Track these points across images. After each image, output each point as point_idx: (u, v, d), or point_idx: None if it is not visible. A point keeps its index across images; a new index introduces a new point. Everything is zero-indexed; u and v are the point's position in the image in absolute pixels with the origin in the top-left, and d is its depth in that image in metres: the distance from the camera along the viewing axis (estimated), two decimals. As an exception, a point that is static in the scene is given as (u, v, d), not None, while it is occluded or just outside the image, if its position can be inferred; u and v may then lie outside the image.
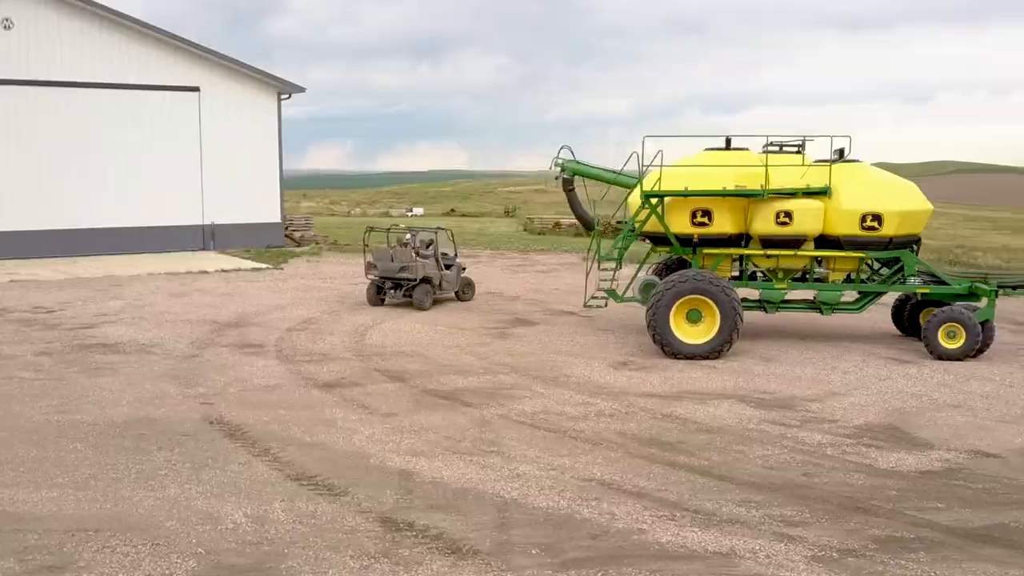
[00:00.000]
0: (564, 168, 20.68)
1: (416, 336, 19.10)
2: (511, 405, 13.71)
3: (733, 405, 13.91)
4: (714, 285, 17.01)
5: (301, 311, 21.84)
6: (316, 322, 20.46)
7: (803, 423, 13.01)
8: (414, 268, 22.85)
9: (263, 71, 34.33)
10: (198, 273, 28.15)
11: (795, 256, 17.87)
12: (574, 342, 18.74)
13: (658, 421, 12.99)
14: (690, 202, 17.71)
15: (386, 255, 23.35)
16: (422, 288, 23.00)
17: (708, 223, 17.76)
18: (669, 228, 17.89)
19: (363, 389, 14.57)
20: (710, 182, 17.55)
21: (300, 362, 16.44)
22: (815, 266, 18.07)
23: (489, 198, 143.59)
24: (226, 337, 18.61)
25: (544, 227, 51.47)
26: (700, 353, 17.04)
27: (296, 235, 37.35)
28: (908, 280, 18.05)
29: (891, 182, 17.84)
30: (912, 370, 16.45)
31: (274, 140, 35.04)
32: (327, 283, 26.78)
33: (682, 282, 17.03)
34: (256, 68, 34.20)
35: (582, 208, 20.93)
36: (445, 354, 17.36)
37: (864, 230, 17.45)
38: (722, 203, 17.67)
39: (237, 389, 14.46)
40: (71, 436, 11.80)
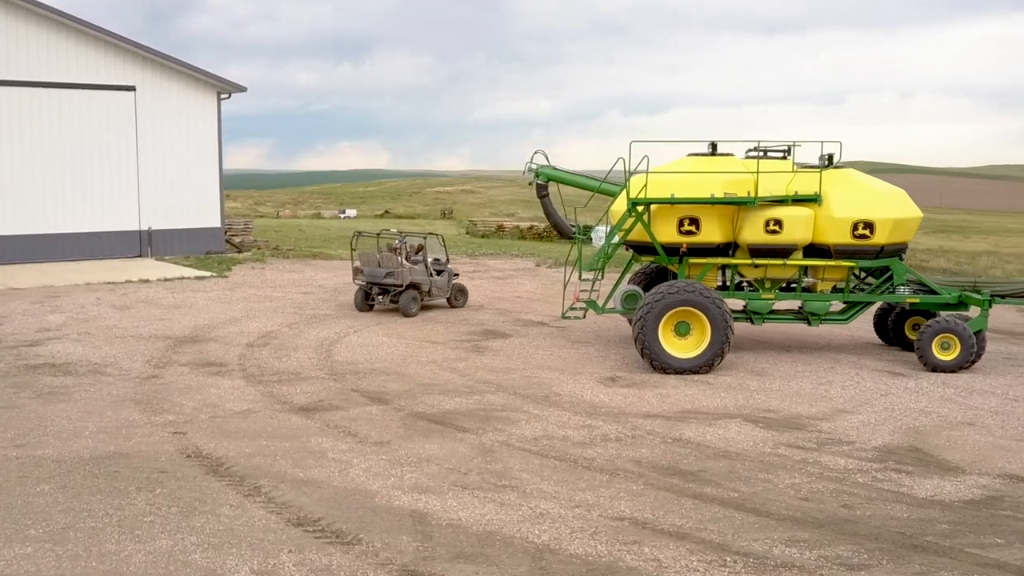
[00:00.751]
0: (538, 174, 19.81)
1: (387, 351, 18.09)
2: (509, 429, 12.82)
3: (741, 426, 13.20)
4: (704, 297, 16.31)
5: (258, 324, 20.65)
6: (276, 336, 19.31)
7: (820, 446, 12.34)
8: (400, 273, 22.10)
9: (202, 70, 32.89)
10: (139, 282, 26.70)
11: (784, 266, 17.26)
12: (555, 356, 17.91)
13: (669, 446, 12.21)
14: (677, 210, 17.00)
15: (373, 260, 22.63)
16: (408, 294, 22.27)
17: (695, 232, 17.07)
18: (655, 237, 17.13)
19: (345, 413, 13.56)
20: (697, 189, 16.86)
21: (270, 382, 15.34)
22: (803, 276, 17.47)
23: (418, 199, 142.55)
24: (184, 354, 17.39)
25: (488, 230, 50.59)
26: (690, 368, 16.33)
27: (236, 240, 35.94)
28: (897, 289, 17.55)
29: (882, 189, 17.35)
30: (910, 383, 15.94)
31: (214, 141, 33.60)
32: (278, 292, 25.57)
33: (671, 293, 16.30)
34: (195, 67, 32.75)
35: (558, 215, 20.11)
36: (423, 371, 16.39)
37: (855, 238, 16.91)
38: (710, 211, 16.99)
39: (208, 415, 13.34)
40: (36, 476, 10.61)
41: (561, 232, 20.44)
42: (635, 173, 17.05)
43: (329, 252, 36.60)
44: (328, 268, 31.55)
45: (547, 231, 47.61)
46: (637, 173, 17.01)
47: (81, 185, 31.28)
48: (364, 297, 22.93)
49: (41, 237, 30.65)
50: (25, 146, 30.34)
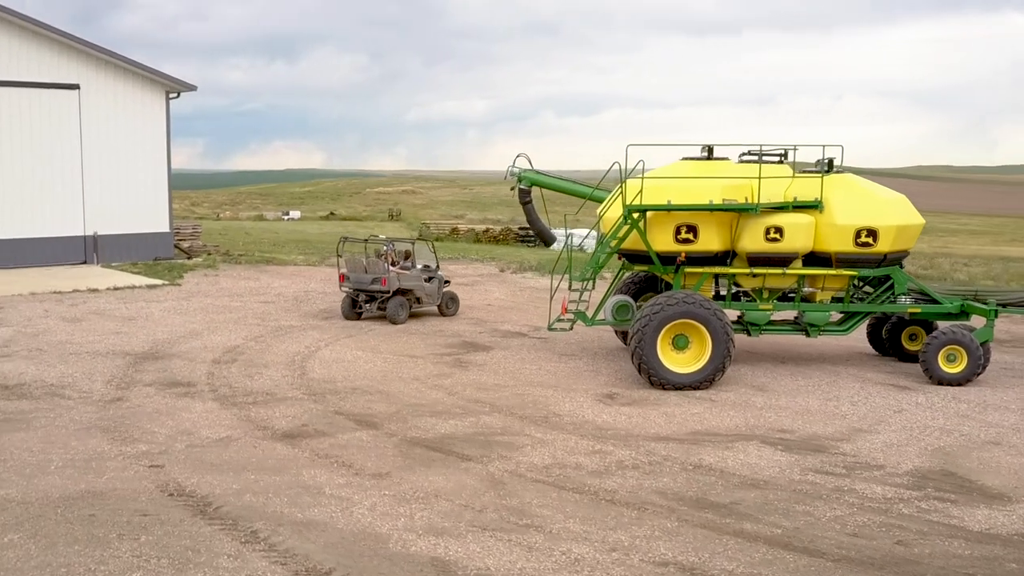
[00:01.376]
0: (521, 178, 18.86)
1: (364, 367, 17.02)
2: (515, 457, 11.87)
3: (760, 449, 12.40)
4: (705, 308, 15.51)
5: (221, 338, 19.44)
6: (243, 351, 18.13)
7: (849, 471, 11.58)
8: (387, 279, 21.33)
9: (150, 68, 31.42)
10: (88, 292, 25.26)
11: (784, 275, 16.53)
12: (544, 371, 16.98)
13: (691, 474, 11.36)
14: (674, 217, 16.17)
15: (359, 266, 21.89)
16: (396, 301, 21.56)
17: (693, 240, 16.25)
18: (651, 245, 16.28)
19: (333, 440, 12.50)
20: (695, 195, 16.04)
21: (245, 405, 14.22)
22: (803, 285, 16.75)
23: (359, 199, 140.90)
24: (147, 373, 16.17)
25: (441, 232, 49.52)
26: (690, 383, 15.53)
27: (185, 245, 34.49)
28: (898, 299, 16.91)
29: (884, 195, 16.71)
30: (920, 398, 15.29)
31: (162, 142, 32.16)
32: (236, 302, 24.31)
33: (671, 305, 15.47)
34: (143, 65, 31.26)
35: (542, 222, 19.20)
36: (408, 390, 15.38)
37: (858, 247, 16.25)
38: (709, 218, 16.19)
39: (184, 444, 12.20)
40: (1, 523, 9.42)
41: (545, 240, 19.54)
42: (630, 178, 16.19)
43: (282, 257, 35.32)
44: (284, 275, 30.32)
45: (503, 234, 46.72)
46: (632, 178, 16.14)
47: (21, 188, 29.64)
48: (351, 305, 22.12)
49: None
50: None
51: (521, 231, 46.90)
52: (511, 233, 46.84)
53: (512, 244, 45.58)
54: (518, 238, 46.18)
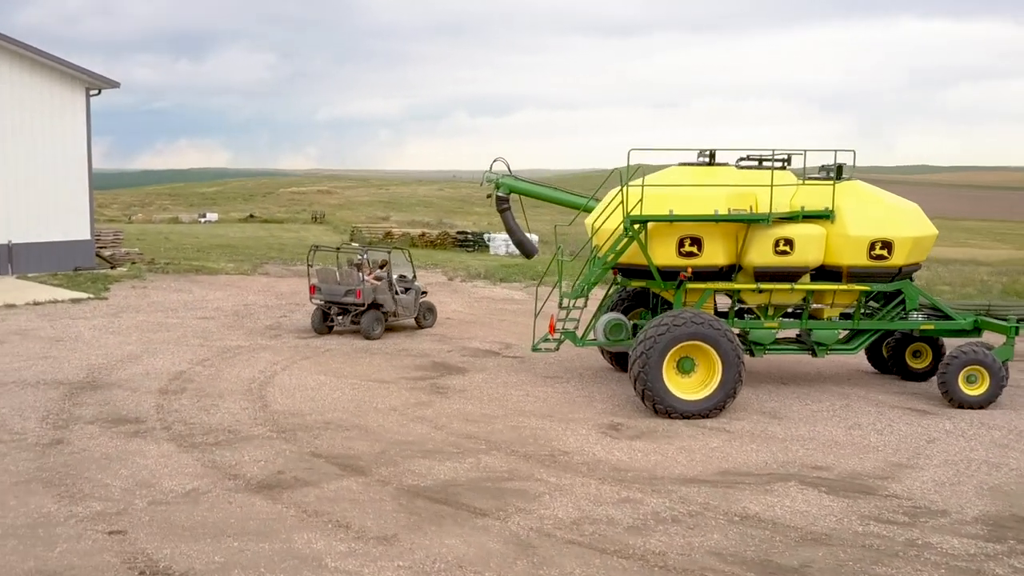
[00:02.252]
0: (499, 185, 17.26)
1: (332, 395, 15.30)
2: (535, 509, 10.33)
3: (803, 492, 11.05)
4: (715, 329, 14.16)
5: (163, 362, 17.49)
6: (192, 379, 16.24)
7: (912, 518, 10.30)
8: (360, 291, 20.01)
9: (70, 63, 29.02)
10: (4, 308, 22.94)
11: (792, 291, 15.26)
12: (531, 397, 15.45)
13: (741, 527, 9.95)
14: (677, 229, 14.78)
15: (331, 277, 20.56)
16: (371, 314, 20.19)
17: (697, 253, 14.88)
18: (652, 259, 14.85)
19: (319, 491, 10.80)
20: (699, 205, 14.68)
21: (206, 446, 12.42)
22: (811, 301, 15.51)
23: (272, 200, 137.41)
24: (86, 407, 14.22)
25: (374, 237, 47.56)
26: (699, 411, 14.18)
27: (106, 253, 32.08)
28: (910, 315, 15.78)
29: (898, 204, 15.54)
30: (947, 424, 14.15)
31: (82, 143, 29.78)
32: (172, 318, 22.26)
33: (677, 325, 14.07)
34: (61, 59, 28.86)
35: (521, 232, 17.60)
36: (387, 423, 13.72)
37: (872, 259, 15.06)
38: (714, 230, 14.84)
39: (146, 501, 10.39)
40: (-67, 625, 7.56)
41: (525, 252, 17.96)
42: (630, 186, 14.75)
43: (211, 265, 33.12)
44: (217, 286, 28.25)
45: (441, 238, 45.03)
46: (632, 186, 14.71)
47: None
48: (322, 318, 20.64)
49: None
50: None
51: (459, 235, 45.24)
52: (448, 237, 45.10)
53: (450, 249, 43.88)
54: (456, 242, 44.45)
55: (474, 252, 43.15)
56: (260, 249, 41.23)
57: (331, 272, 20.70)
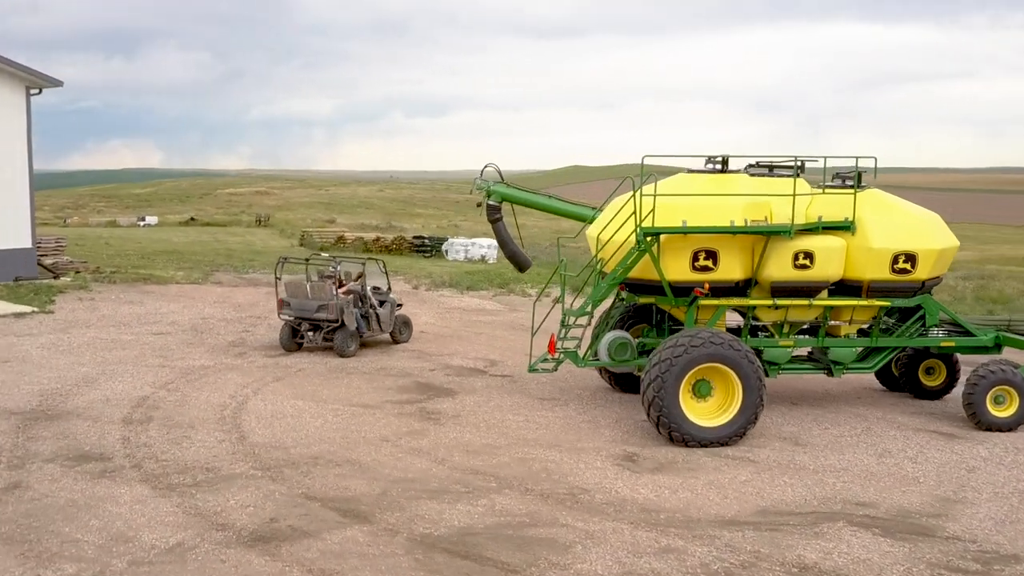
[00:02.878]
0: (490, 192, 16.04)
1: (314, 424, 14.01)
2: (571, 564, 9.19)
3: (858, 536, 10.05)
4: (735, 350, 13.13)
5: (123, 385, 16.05)
6: (157, 405, 14.84)
7: (985, 565, 9.38)
8: (334, 307, 18.48)
9: (9, 60, 27.20)
10: (-59, 324, 21.22)
11: (810, 306, 14.28)
12: (532, 423, 14.30)
13: (804, 581, 8.88)
14: (691, 241, 13.72)
15: (301, 290, 19.13)
16: (345, 331, 18.75)
17: (712, 267, 13.84)
18: (664, 274, 13.78)
19: (321, 544, 9.55)
20: (715, 215, 13.64)
21: (184, 488, 11.09)
22: (828, 317, 14.56)
23: (210, 201, 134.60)
24: (43, 442, 12.77)
25: (326, 242, 45.98)
26: (718, 439, 13.16)
27: (48, 262, 30.23)
28: (930, 331, 14.91)
29: (920, 214, 14.66)
30: (981, 450, 13.29)
31: (22, 144, 27.99)
32: (126, 334, 20.72)
33: (695, 346, 13.02)
34: (0, 56, 27.03)
35: (514, 244, 16.39)
36: (382, 457, 12.47)
37: (895, 273, 14.15)
38: (731, 243, 13.81)
39: (125, 560, 9.05)
40: None
41: (518, 265, 16.76)
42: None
43: (160, 274, 31.44)
44: (169, 296, 26.67)
45: (396, 243, 43.64)
46: (646, 195, 13.61)
47: None
48: (292, 334, 19.27)
49: None
50: None
51: (416, 240, 43.84)
52: (405, 242, 43.68)
53: (407, 254, 42.47)
54: (412, 247, 43.04)
55: (432, 258, 41.84)
56: (207, 255, 39.54)
57: (301, 285, 19.33)
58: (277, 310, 19.58)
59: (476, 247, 41.32)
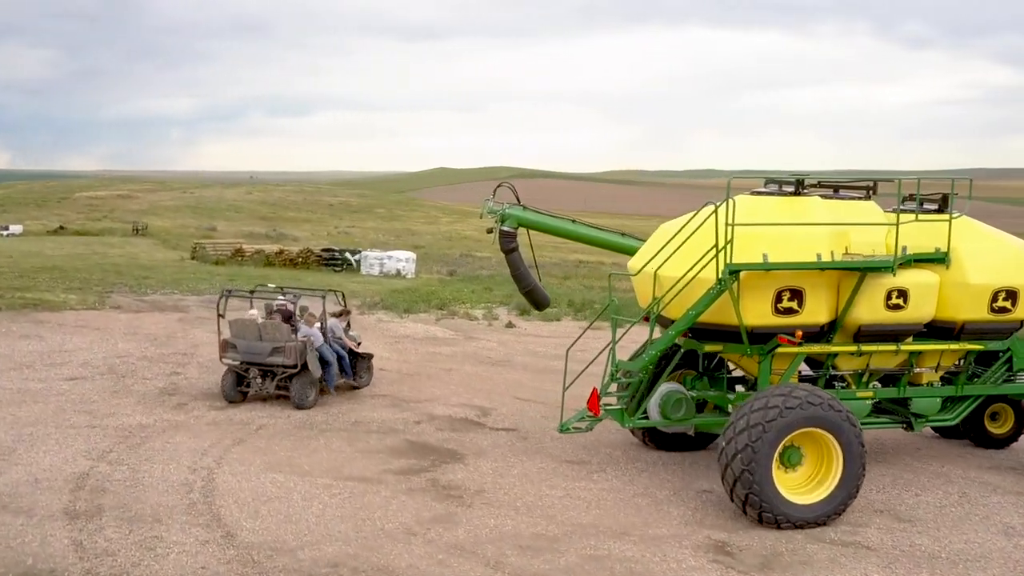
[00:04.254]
0: (505, 217, 13.43)
1: (309, 508, 11.26)
2: None
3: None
4: (836, 411, 10.97)
5: (51, 456, 12.95)
6: (103, 485, 11.82)
7: None
8: (293, 350, 15.66)
9: None
10: None
11: (897, 352, 12.22)
12: (579, 500, 11.83)
13: None
14: (774, 279, 11.46)
15: (251, 330, 16.08)
16: (304, 378, 15.85)
17: (798, 310, 11.61)
18: (743, 319, 11.47)
19: None
20: (798, 248, 11.41)
21: (181, 626, 8.19)
22: (915, 364, 12.53)
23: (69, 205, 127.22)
24: (-35, 553, 9.65)
25: (222, 255, 42.31)
26: (815, 518, 10.98)
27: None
28: (1018, 375, 13.04)
29: (1016, 244, 12.71)
30: (1113, 522, 11.36)
31: None
32: (32, 380, 17.36)
33: (791, 408, 10.77)
34: None
35: (531, 278, 13.86)
36: (417, 559, 9.87)
37: (993, 312, 12.24)
38: (818, 280, 11.62)
39: None
40: None
41: (536, 302, 14.24)
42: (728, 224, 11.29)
43: (49, 298, 27.59)
44: (69, 327, 23.13)
45: (303, 256, 40.39)
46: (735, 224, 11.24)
47: None
48: (236, 382, 16.24)
49: None
50: None
51: (325, 253, 40.60)
52: (312, 255, 40.40)
53: (315, 269, 39.22)
54: (321, 261, 39.82)
55: (343, 272, 38.80)
56: (93, 272, 35.61)
57: (250, 324, 16.30)
58: (219, 353, 16.51)
59: (393, 260, 38.56)
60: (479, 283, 34.87)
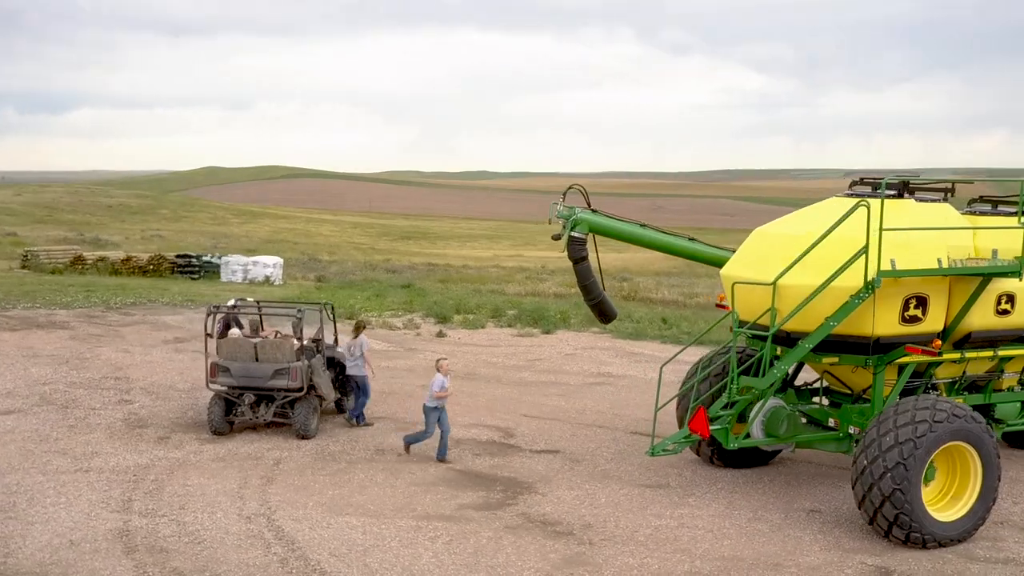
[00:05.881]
0: (576, 223, 12.27)
1: (420, 560, 9.97)
2: None
3: None
4: (977, 423, 10.58)
5: (62, 511, 11.07)
6: (155, 543, 10.15)
7: None
8: (298, 371, 14.03)
9: None
10: None
11: (993, 358, 11.98)
12: (693, 527, 10.97)
13: None
14: (902, 286, 10.91)
15: (247, 351, 14.22)
16: (309, 403, 14.24)
17: (921, 318, 11.13)
18: (875, 328, 10.88)
19: None
20: (922, 253, 10.94)
21: None
22: (1003, 370, 12.33)
23: None
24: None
25: (59, 263, 38.49)
26: (958, 535, 10.57)
27: None
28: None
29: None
30: None
31: None
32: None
33: (939, 422, 10.27)
34: None
35: (600, 288, 12.75)
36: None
37: (1076, 315, 12.12)
38: (939, 287, 11.17)
39: None
40: None
41: (605, 315, 13.12)
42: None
43: None
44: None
45: (154, 263, 37.33)
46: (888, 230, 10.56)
47: None
48: (226, 410, 14.30)
49: None
50: None
51: (180, 259, 37.51)
52: (165, 262, 37.25)
53: (168, 276, 36.18)
54: (176, 268, 36.77)
55: (201, 279, 36.07)
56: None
57: (245, 345, 14.45)
58: (208, 377, 14.54)
59: (259, 266, 36.18)
60: (367, 289, 33.18)
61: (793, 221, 11.97)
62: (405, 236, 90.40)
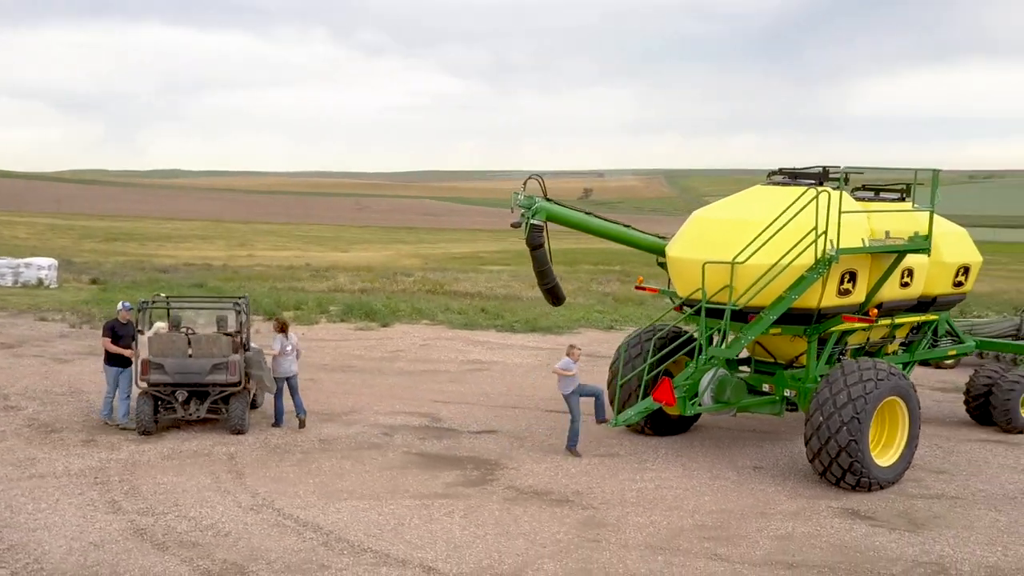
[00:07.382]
0: (535, 211, 12.91)
1: (451, 531, 10.41)
2: None
3: None
4: (907, 381, 12.33)
5: (61, 515, 10.47)
6: (184, 539, 9.96)
7: None
8: (235, 365, 13.90)
9: None
10: None
11: (890, 325, 13.82)
12: (671, 487, 11.95)
13: None
14: (842, 263, 12.40)
15: (180, 346, 13.85)
16: (243, 398, 14.06)
17: (851, 291, 12.72)
18: (820, 301, 12.35)
19: None
20: (852, 234, 12.53)
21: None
22: (895, 336, 14.24)
23: None
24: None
25: None
26: (894, 477, 12.27)
27: None
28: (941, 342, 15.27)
29: (960, 230, 14.79)
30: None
31: None
32: None
33: (881, 380, 11.88)
34: None
35: (553, 274, 13.45)
36: (675, 571, 9.52)
37: (954, 287, 14.28)
38: (864, 263, 12.79)
39: None
40: None
41: (557, 299, 13.80)
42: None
43: None
44: None
45: None
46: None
47: None
48: (155, 408, 13.83)
49: None
50: None
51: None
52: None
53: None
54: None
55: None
56: None
57: (178, 340, 14.03)
58: (139, 374, 14.01)
59: (32, 269, 33.82)
60: (160, 290, 31.82)
61: (733, 207, 13.20)
62: (111, 237, 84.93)
